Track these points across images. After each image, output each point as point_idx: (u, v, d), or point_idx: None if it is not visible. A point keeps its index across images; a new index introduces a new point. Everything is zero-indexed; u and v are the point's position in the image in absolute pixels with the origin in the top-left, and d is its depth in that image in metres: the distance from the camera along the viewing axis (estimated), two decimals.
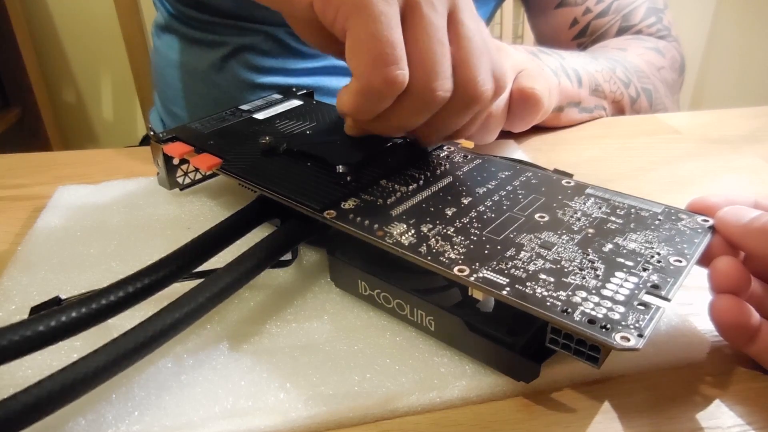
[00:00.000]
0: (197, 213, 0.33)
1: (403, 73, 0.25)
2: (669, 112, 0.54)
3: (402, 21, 0.26)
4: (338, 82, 0.55)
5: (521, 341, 0.21)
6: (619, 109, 0.50)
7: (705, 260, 0.23)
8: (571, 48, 0.59)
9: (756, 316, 0.22)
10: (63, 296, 0.25)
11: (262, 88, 0.55)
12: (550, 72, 0.42)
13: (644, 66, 0.53)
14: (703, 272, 0.23)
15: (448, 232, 0.24)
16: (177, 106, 0.61)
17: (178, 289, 0.22)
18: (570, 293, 0.20)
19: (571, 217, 0.25)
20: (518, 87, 0.37)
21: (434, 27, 0.26)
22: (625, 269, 0.22)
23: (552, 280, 0.21)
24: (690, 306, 0.26)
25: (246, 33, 0.54)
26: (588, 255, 0.22)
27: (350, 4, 0.25)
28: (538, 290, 0.20)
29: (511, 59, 0.38)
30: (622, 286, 0.21)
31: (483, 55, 0.28)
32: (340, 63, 0.30)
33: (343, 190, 0.26)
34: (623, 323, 0.19)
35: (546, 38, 0.63)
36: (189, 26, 0.57)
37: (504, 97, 0.36)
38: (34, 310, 0.24)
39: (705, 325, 0.24)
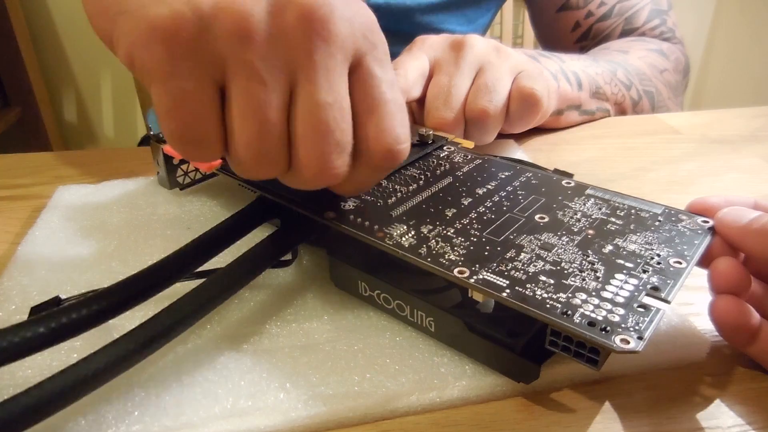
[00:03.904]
0: (197, 213, 0.33)
1: (203, 153, 0.21)
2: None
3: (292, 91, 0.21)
4: None
5: (521, 342, 0.21)
6: (621, 111, 0.50)
7: (705, 261, 0.23)
8: (574, 51, 0.59)
9: (756, 317, 0.22)
10: (63, 296, 0.25)
11: None
12: (549, 75, 0.42)
13: (646, 68, 0.53)
14: (703, 272, 0.23)
15: (448, 234, 0.24)
16: None
17: (179, 289, 0.22)
18: (570, 295, 0.20)
19: (571, 218, 0.25)
20: (517, 87, 0.37)
21: (325, 94, 0.21)
22: (625, 271, 0.22)
23: (552, 281, 0.21)
24: (690, 306, 0.26)
25: None
26: (588, 256, 0.22)
27: (147, 73, 0.20)
28: (538, 292, 0.20)
29: (511, 60, 0.38)
30: (622, 287, 0.21)
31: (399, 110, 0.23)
32: None
33: None
34: (623, 325, 0.19)
35: (548, 41, 0.63)
36: None
37: (502, 98, 0.36)
38: (34, 310, 0.24)
39: (705, 325, 0.24)
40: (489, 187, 0.28)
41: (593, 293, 0.20)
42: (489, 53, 0.37)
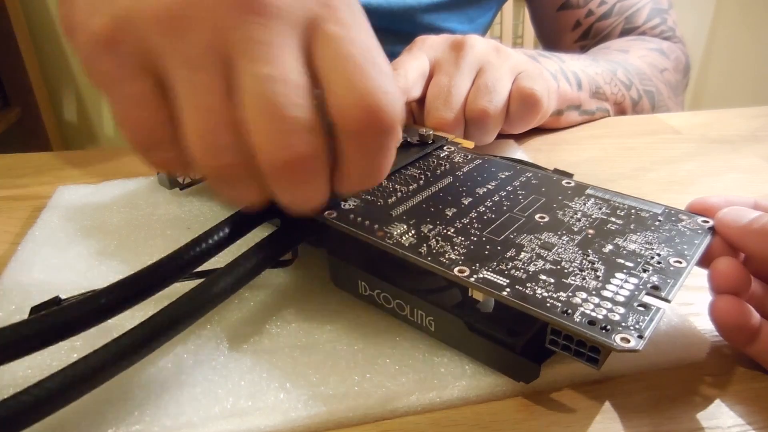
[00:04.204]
0: (197, 213, 0.33)
1: (164, 156, 0.21)
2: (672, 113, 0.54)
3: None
4: None
5: (521, 342, 0.21)
6: (621, 111, 0.50)
7: (705, 261, 0.23)
8: (574, 50, 0.59)
9: (756, 317, 0.22)
10: (63, 296, 0.25)
11: None
12: (549, 75, 0.42)
13: (646, 68, 0.53)
14: (703, 272, 0.23)
15: (449, 233, 0.24)
16: None
17: (179, 289, 0.22)
18: (570, 294, 0.20)
19: (572, 217, 0.25)
20: (517, 87, 0.37)
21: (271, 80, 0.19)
22: (625, 270, 0.22)
23: (552, 281, 0.21)
24: (690, 306, 0.26)
25: None
26: (588, 256, 0.22)
27: (98, 87, 0.21)
28: (539, 291, 0.20)
29: (511, 60, 0.38)
30: (622, 287, 0.21)
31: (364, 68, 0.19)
32: None
33: None
34: (623, 324, 0.19)
35: (549, 40, 0.63)
36: None
37: (502, 98, 0.36)
38: (34, 310, 0.24)
39: (705, 325, 0.24)
40: (489, 186, 0.28)
41: (593, 292, 0.20)
42: (489, 53, 0.37)
